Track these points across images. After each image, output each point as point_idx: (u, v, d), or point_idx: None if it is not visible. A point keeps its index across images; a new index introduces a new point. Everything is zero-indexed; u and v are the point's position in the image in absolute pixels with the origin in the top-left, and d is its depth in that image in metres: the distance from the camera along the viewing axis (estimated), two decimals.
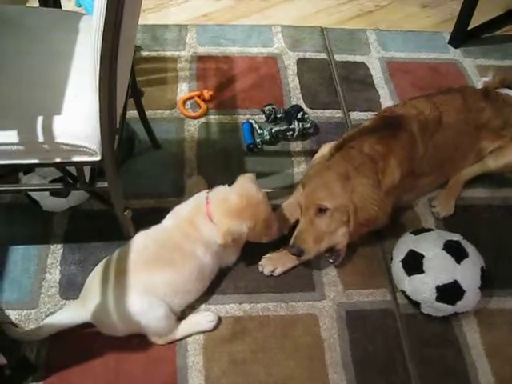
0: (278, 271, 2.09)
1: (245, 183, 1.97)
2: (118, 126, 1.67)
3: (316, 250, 2.01)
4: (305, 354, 1.92)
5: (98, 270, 1.87)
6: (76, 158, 1.59)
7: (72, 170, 1.73)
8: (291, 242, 2.02)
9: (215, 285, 2.03)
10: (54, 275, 2.03)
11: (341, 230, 2.02)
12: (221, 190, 1.97)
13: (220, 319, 1.95)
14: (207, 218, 1.89)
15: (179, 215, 1.97)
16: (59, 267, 2.05)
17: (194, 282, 1.89)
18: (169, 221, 1.98)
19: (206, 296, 1.99)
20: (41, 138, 1.51)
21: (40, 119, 1.53)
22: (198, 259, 1.87)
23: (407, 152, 2.13)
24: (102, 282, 1.81)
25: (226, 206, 1.90)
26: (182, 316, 1.93)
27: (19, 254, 2.08)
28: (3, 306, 1.93)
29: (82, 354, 1.84)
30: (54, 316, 1.85)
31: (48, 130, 1.52)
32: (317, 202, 1.98)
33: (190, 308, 1.96)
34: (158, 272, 1.81)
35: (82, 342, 1.86)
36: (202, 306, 1.99)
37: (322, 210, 1.98)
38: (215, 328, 1.93)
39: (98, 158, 1.58)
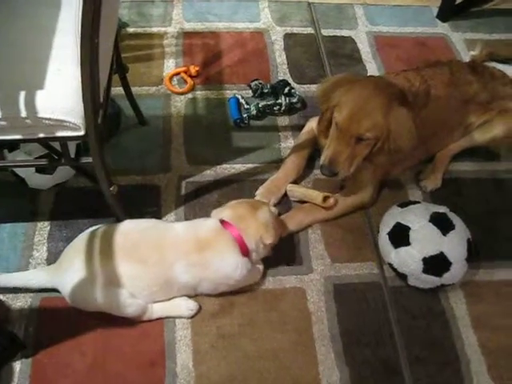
0: (272, 202, 2.18)
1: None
2: (101, 101, 1.65)
3: (348, 172, 2.04)
4: (292, 327, 1.93)
5: (77, 242, 1.85)
6: (59, 133, 1.57)
7: (57, 146, 1.72)
8: (323, 162, 2.04)
9: None
10: (41, 252, 2.02)
11: (368, 149, 2.04)
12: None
13: (200, 307, 1.93)
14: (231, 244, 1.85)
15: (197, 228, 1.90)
16: (46, 244, 2.05)
17: (159, 287, 1.83)
18: (181, 225, 1.95)
19: None
20: (23, 113, 1.49)
21: (22, 94, 1.51)
22: (171, 272, 1.80)
23: None
24: (77, 256, 1.79)
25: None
26: None
27: (6, 231, 2.07)
28: None
29: (71, 330, 1.85)
30: (23, 273, 1.89)
31: (30, 104, 1.50)
32: (360, 131, 1.95)
33: None
34: (126, 264, 1.77)
35: (71, 318, 1.86)
36: None
37: (364, 138, 1.98)
38: (193, 316, 1.91)
39: (81, 133, 1.57)
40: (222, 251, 1.83)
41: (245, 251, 1.85)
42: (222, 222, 1.87)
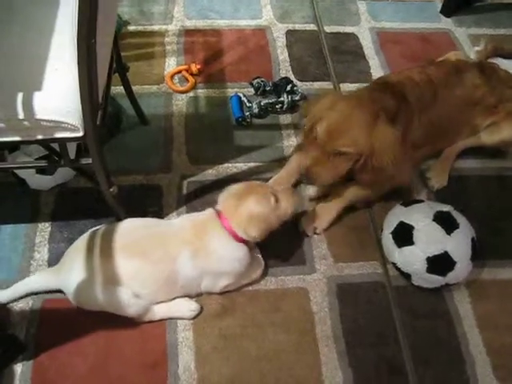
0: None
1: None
2: (100, 101, 1.64)
3: (328, 181, 2.04)
4: (295, 327, 1.91)
5: (79, 243, 1.85)
6: (58, 135, 1.55)
7: (57, 146, 1.70)
8: (301, 171, 2.07)
9: None
10: (42, 254, 2.01)
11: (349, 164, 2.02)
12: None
13: (202, 308, 1.92)
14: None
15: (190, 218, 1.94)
16: (47, 245, 2.04)
17: (162, 284, 1.82)
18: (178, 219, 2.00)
19: None
20: (21, 115, 1.48)
21: (20, 95, 1.49)
22: (175, 265, 1.79)
23: (406, 123, 2.11)
24: (79, 256, 1.79)
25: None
26: None
27: (7, 232, 2.06)
28: None
29: (72, 332, 1.84)
30: (27, 279, 1.88)
31: (28, 106, 1.48)
32: (337, 146, 1.94)
33: None
34: (128, 262, 1.76)
35: (72, 320, 1.85)
36: None
37: (342, 153, 1.96)
38: (195, 317, 1.90)
39: (80, 134, 1.55)
40: (218, 235, 1.83)
41: (238, 239, 1.83)
42: (218, 212, 1.87)
